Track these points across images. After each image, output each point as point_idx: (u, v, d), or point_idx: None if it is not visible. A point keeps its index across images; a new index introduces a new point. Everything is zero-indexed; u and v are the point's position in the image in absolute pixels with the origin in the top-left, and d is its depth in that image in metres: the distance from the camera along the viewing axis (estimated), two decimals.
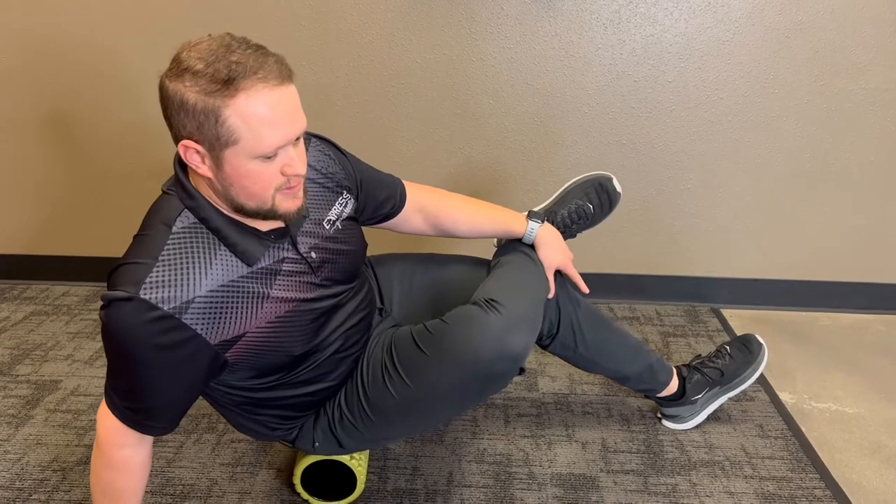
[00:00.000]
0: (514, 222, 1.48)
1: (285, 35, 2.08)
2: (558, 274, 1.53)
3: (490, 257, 1.54)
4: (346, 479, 1.47)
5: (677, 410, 1.69)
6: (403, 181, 1.46)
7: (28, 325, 2.19)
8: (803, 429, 1.72)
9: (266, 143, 1.02)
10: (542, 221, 1.49)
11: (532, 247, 1.49)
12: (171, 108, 1.02)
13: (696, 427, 1.71)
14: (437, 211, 1.47)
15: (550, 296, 1.48)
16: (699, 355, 1.75)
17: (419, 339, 1.25)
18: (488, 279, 1.37)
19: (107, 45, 2.15)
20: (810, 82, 2.07)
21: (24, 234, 2.43)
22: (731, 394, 1.70)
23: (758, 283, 2.32)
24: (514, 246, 1.50)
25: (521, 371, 1.26)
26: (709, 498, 1.49)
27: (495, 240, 1.62)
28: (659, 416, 1.74)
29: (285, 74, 1.03)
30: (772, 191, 2.21)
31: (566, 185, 1.63)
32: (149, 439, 1.18)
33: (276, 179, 1.06)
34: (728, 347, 1.73)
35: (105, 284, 1.09)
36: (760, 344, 1.72)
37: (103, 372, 1.93)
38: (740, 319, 2.26)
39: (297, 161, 1.07)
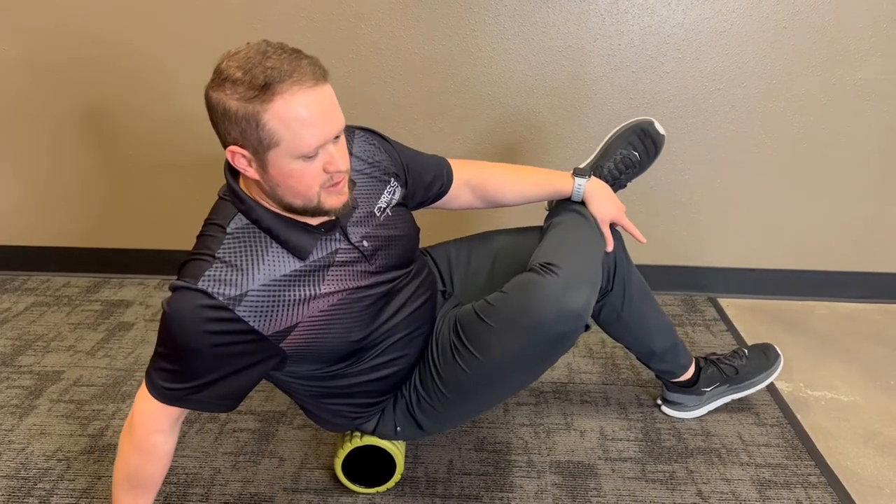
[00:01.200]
0: (561, 182, 1.49)
1: (285, 27, 2.09)
2: (614, 228, 1.53)
3: (541, 223, 1.54)
4: (383, 465, 1.48)
5: (683, 398, 1.71)
6: (448, 159, 1.49)
7: (29, 316, 2.20)
8: (799, 417, 1.74)
9: (306, 142, 1.06)
10: (589, 176, 1.49)
11: (583, 203, 1.49)
12: (216, 117, 1.08)
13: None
14: (483, 183, 1.49)
15: (609, 249, 1.48)
16: (714, 353, 1.77)
17: (482, 313, 1.27)
18: (542, 243, 1.38)
19: (131, 41, 2.16)
20: (807, 73, 2.08)
21: (24, 225, 2.44)
22: (738, 395, 1.73)
23: (755, 272, 2.34)
24: (564, 205, 1.51)
25: (587, 328, 1.26)
26: (706, 485, 1.51)
27: (545, 203, 1.62)
28: (659, 402, 1.76)
29: (319, 75, 1.07)
30: (769, 180, 2.22)
31: (607, 137, 1.61)
32: (177, 430, 1.23)
33: (320, 177, 1.10)
34: (747, 351, 1.75)
35: (102, 275, 1.12)
36: (778, 354, 1.74)
37: (107, 362, 1.95)
38: (737, 309, 2.27)
39: (337, 158, 1.10)
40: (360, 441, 1.44)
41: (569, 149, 2.21)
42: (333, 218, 1.21)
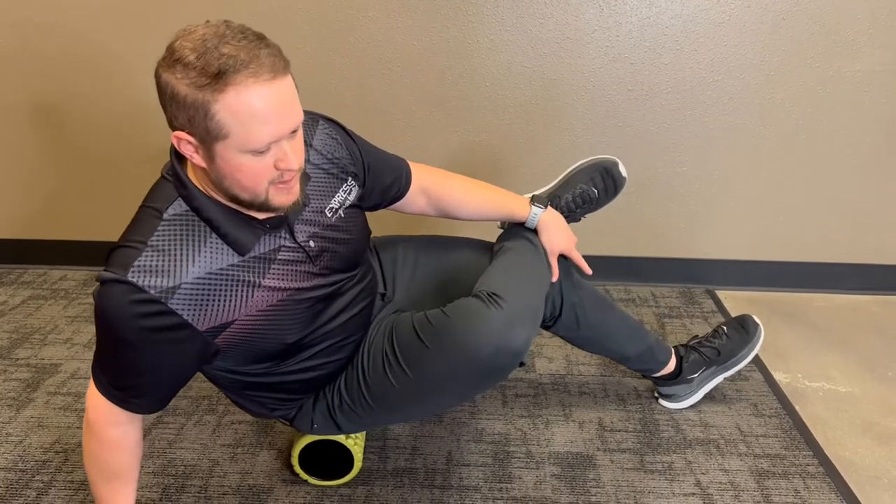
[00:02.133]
0: (517, 207, 1.49)
1: (282, 18, 2.08)
2: (562, 258, 1.54)
3: (493, 239, 1.55)
4: (343, 458, 1.48)
5: (674, 389, 1.72)
6: (409, 162, 1.46)
7: (26, 309, 2.20)
8: (797, 407, 1.75)
9: (256, 138, 1.00)
10: (545, 207, 1.49)
11: (535, 231, 1.50)
12: (164, 98, 1.01)
13: (692, 406, 1.73)
14: (440, 193, 1.46)
15: (553, 280, 1.49)
16: (696, 336, 1.77)
17: (420, 330, 1.24)
18: (490, 268, 1.36)
19: (96, 32, 2.15)
20: (805, 64, 2.08)
21: (20, 218, 2.43)
22: (728, 373, 1.73)
23: (753, 264, 2.34)
24: (517, 231, 1.50)
25: (521, 364, 1.26)
26: (704, 475, 1.52)
27: (499, 221, 1.63)
28: (656, 395, 1.77)
29: (279, 67, 1.00)
30: (767, 172, 2.22)
31: (570, 169, 1.62)
32: (138, 418, 1.19)
33: (269, 173, 1.05)
34: (725, 328, 1.75)
35: (99, 268, 1.10)
36: (757, 324, 1.74)
37: None
38: (735, 301, 2.28)
39: (290, 155, 1.05)
40: (316, 436, 1.45)
41: (566, 140, 2.21)
42: (281, 213, 1.15)
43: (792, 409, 1.73)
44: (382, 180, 1.38)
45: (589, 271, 1.56)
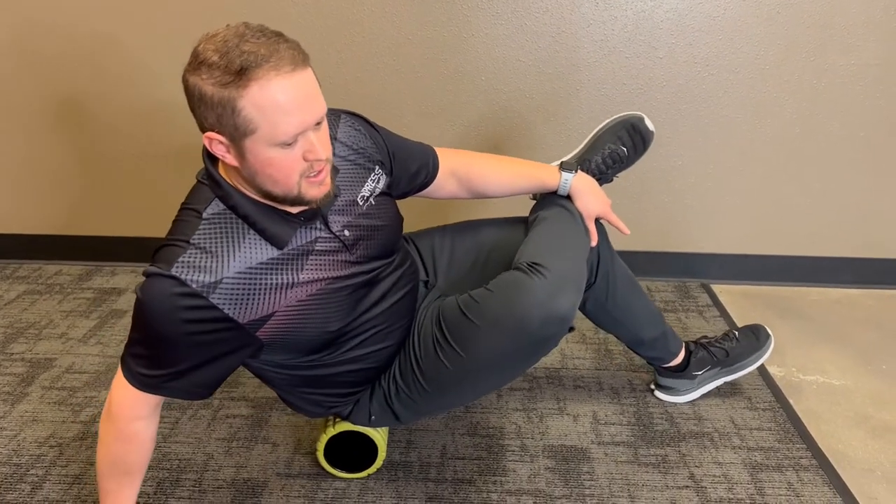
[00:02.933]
0: (547, 176, 1.48)
1: (278, 12, 2.08)
2: (599, 223, 1.53)
3: (526, 214, 1.54)
4: (366, 451, 1.48)
5: (675, 382, 1.72)
6: (435, 148, 1.47)
7: (21, 303, 2.20)
8: (791, 401, 1.75)
9: (282, 130, 1.03)
10: (576, 171, 1.48)
11: (569, 198, 1.49)
12: (192, 101, 1.05)
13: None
14: (468, 173, 1.47)
15: (593, 244, 1.47)
16: (705, 336, 1.78)
17: (466, 309, 1.26)
18: (528, 239, 1.36)
19: (109, 33, 2.15)
20: (800, 58, 2.09)
21: (15, 213, 2.43)
22: (730, 377, 1.73)
23: (748, 258, 2.35)
24: (551, 199, 1.49)
25: (571, 329, 1.26)
26: (698, 468, 1.52)
27: (530, 194, 1.62)
28: (652, 387, 1.77)
29: (298, 60, 1.03)
30: (762, 166, 2.23)
31: (596, 130, 1.61)
32: (157, 414, 1.22)
33: (300, 166, 1.07)
34: (737, 332, 1.76)
35: (95, 263, 1.11)
36: (769, 335, 1.75)
37: (99, 350, 1.95)
38: (730, 294, 2.28)
39: (317, 146, 1.07)
40: (342, 427, 1.45)
41: (562, 134, 2.21)
42: (314, 206, 1.17)
43: (786, 403, 1.74)
44: (409, 167, 1.40)
45: (627, 231, 1.54)
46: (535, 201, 1.55)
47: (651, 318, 1.64)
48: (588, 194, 1.48)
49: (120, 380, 1.17)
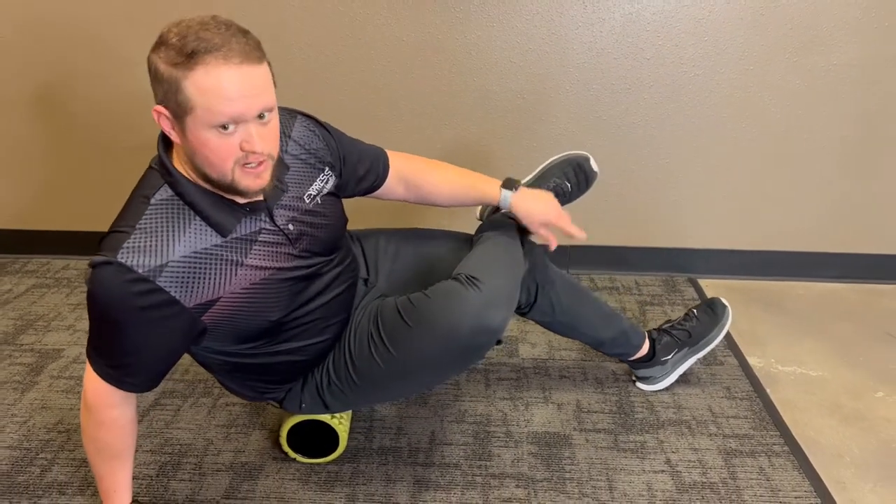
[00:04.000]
0: (491, 190, 1.53)
1: (273, 14, 2.15)
2: (537, 248, 1.61)
3: (472, 231, 1.61)
4: (329, 438, 1.56)
5: (649, 372, 1.79)
6: (388, 151, 1.52)
7: (30, 297, 2.28)
8: (768, 391, 1.82)
9: (217, 113, 1.07)
10: (516, 188, 1.52)
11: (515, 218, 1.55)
12: (150, 77, 1.12)
13: (667, 389, 1.81)
14: (417, 181, 1.53)
15: (551, 249, 1.53)
16: (669, 320, 1.85)
17: (403, 311, 1.32)
18: (470, 255, 1.43)
19: (95, 20, 2.22)
20: (784, 59, 2.15)
21: (24, 209, 2.51)
22: (699, 354, 1.79)
23: (734, 253, 2.41)
24: (498, 221, 1.57)
25: (499, 342, 1.34)
26: (674, 454, 1.59)
27: (477, 210, 1.70)
28: (633, 379, 1.84)
29: (251, 55, 1.09)
30: (747, 165, 2.29)
31: (545, 164, 1.68)
32: (132, 398, 1.26)
33: (235, 153, 1.12)
34: (695, 311, 1.83)
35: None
36: (725, 306, 1.81)
37: None
38: (716, 289, 2.35)
39: (255, 138, 1.11)
40: (303, 416, 1.52)
41: (552, 132, 2.28)
42: (261, 199, 1.23)
43: (763, 392, 1.81)
44: (357, 172, 1.46)
45: (583, 235, 1.56)
46: (480, 221, 1.63)
47: (605, 320, 1.72)
48: (530, 205, 1.53)
49: (90, 372, 1.22)
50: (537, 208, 1.53)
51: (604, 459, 1.58)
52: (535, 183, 1.66)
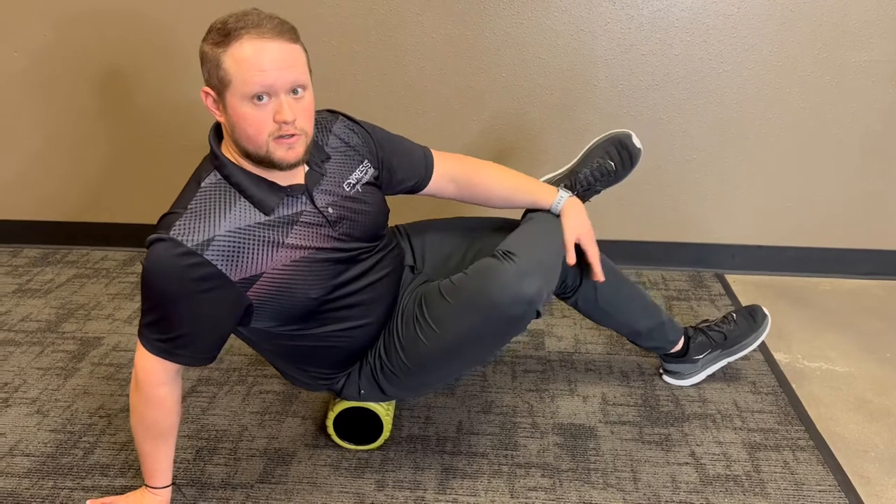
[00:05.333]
0: (544, 193, 1.55)
1: (308, 12, 2.19)
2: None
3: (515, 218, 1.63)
4: (373, 425, 1.59)
5: (679, 367, 1.80)
6: (435, 152, 1.55)
7: (71, 286, 2.35)
8: (794, 386, 1.82)
9: (251, 83, 1.16)
10: (571, 194, 1.56)
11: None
12: (200, 63, 1.22)
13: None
14: (469, 182, 1.56)
15: (570, 263, 1.53)
16: (706, 319, 1.85)
17: (444, 291, 1.37)
18: (511, 234, 1.46)
19: (157, 28, 2.28)
20: (813, 55, 2.14)
21: (65, 202, 2.58)
22: (731, 358, 1.80)
23: (761, 249, 2.40)
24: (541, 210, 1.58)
25: (538, 314, 1.36)
26: (699, 447, 1.61)
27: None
28: (660, 371, 1.85)
29: (284, 34, 1.19)
30: (775, 160, 2.29)
31: (588, 145, 1.69)
32: (179, 379, 1.32)
33: (268, 125, 1.20)
34: (735, 315, 1.83)
35: (137, 250, 1.26)
36: (765, 315, 1.82)
37: None
38: (743, 284, 2.35)
39: (286, 109, 1.19)
40: (349, 404, 1.56)
41: (579, 127, 2.29)
42: (301, 182, 1.32)
43: (788, 387, 1.81)
44: (397, 173, 1.51)
45: (601, 278, 1.58)
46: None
47: (645, 311, 1.72)
48: (576, 216, 1.54)
49: (141, 351, 1.28)
50: (579, 222, 1.54)
51: (628, 451, 1.60)
52: (578, 165, 1.67)
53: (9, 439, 1.65)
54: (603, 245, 1.64)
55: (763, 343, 1.99)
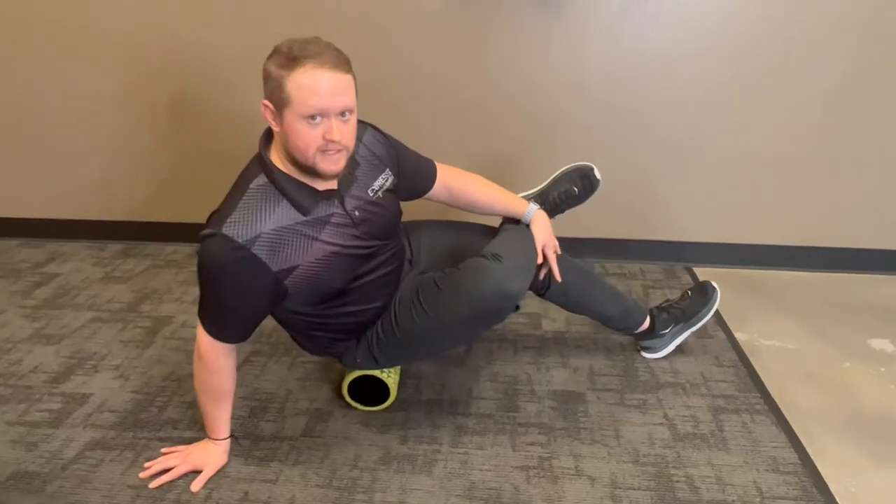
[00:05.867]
0: (518, 205, 1.58)
1: (335, 29, 2.19)
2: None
3: (496, 227, 1.63)
4: (381, 390, 1.60)
5: (650, 342, 1.80)
6: (437, 165, 1.56)
7: (147, 275, 2.37)
8: (752, 360, 1.80)
9: (308, 105, 1.16)
10: (539, 207, 1.60)
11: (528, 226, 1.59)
12: (263, 78, 1.20)
13: (666, 357, 1.81)
14: (459, 191, 1.57)
15: (539, 261, 1.55)
16: (668, 299, 1.85)
17: (438, 281, 1.38)
18: (494, 240, 1.47)
19: (211, 57, 2.29)
20: (771, 71, 2.12)
21: (144, 204, 2.59)
22: (693, 328, 1.79)
23: (725, 246, 2.38)
24: (515, 221, 1.61)
25: (517, 308, 1.37)
26: (671, 410, 1.60)
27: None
28: (638, 348, 1.85)
29: (340, 64, 1.18)
30: (734, 170, 2.26)
31: (556, 173, 1.73)
32: (234, 350, 1.34)
33: (317, 142, 1.20)
34: (689, 292, 1.83)
35: (198, 245, 1.26)
36: (714, 288, 1.81)
37: None
38: (709, 276, 2.30)
39: (335, 131, 1.19)
40: (360, 372, 1.56)
41: (569, 142, 2.28)
42: (335, 188, 1.30)
43: (747, 362, 1.80)
44: (412, 180, 1.51)
45: (559, 279, 1.60)
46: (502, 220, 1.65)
47: (611, 299, 1.72)
48: (543, 225, 1.57)
49: (200, 329, 1.30)
50: (546, 231, 1.57)
51: (612, 413, 1.59)
52: (548, 188, 1.70)
53: (98, 398, 1.66)
54: (589, 242, 1.64)
55: (726, 325, 1.98)
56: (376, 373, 1.57)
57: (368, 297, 1.43)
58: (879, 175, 2.22)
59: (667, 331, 1.77)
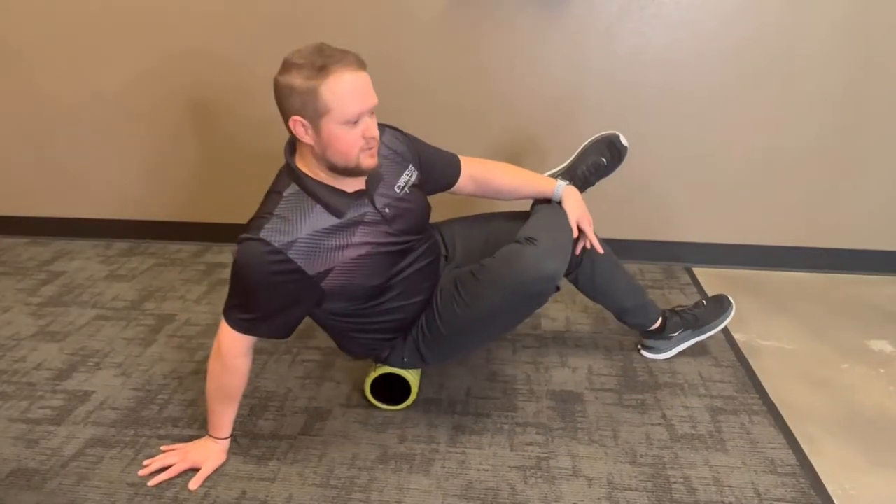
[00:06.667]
0: (546, 185, 1.56)
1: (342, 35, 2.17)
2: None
3: (527, 210, 1.60)
4: (402, 390, 1.58)
5: (656, 343, 1.77)
6: (460, 157, 1.55)
7: (151, 273, 2.35)
8: (750, 360, 1.78)
9: (349, 110, 1.16)
10: (567, 182, 1.56)
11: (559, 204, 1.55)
12: (281, 95, 1.18)
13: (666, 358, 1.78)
14: (485, 180, 1.56)
15: (574, 236, 1.51)
16: (682, 305, 1.81)
17: (476, 273, 1.36)
18: (526, 223, 1.44)
19: (235, 65, 2.27)
20: (764, 83, 2.09)
21: (149, 202, 2.57)
22: (700, 337, 1.76)
23: (725, 246, 2.35)
24: (546, 201, 1.58)
25: (557, 289, 1.35)
26: (669, 410, 1.57)
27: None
28: (639, 347, 1.82)
29: (361, 64, 1.19)
30: (735, 173, 2.24)
31: (583, 145, 1.69)
32: (251, 354, 1.33)
33: (359, 142, 1.21)
34: (705, 301, 1.80)
35: (206, 243, 1.25)
36: (731, 302, 1.78)
37: (209, 308, 2.08)
38: (708, 276, 2.30)
39: (373, 126, 1.21)
40: (382, 370, 1.54)
41: (568, 143, 2.24)
42: (364, 188, 1.29)
43: (745, 362, 1.77)
44: (433, 174, 1.50)
45: (601, 250, 1.57)
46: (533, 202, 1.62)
47: (632, 291, 1.69)
48: (574, 200, 1.54)
49: (224, 327, 1.29)
50: (578, 205, 1.53)
51: (610, 413, 1.57)
52: (575, 162, 1.67)
53: (99, 395, 1.65)
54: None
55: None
56: (400, 371, 1.54)
57: (409, 292, 1.42)
58: (879, 176, 2.18)
59: (675, 334, 1.75)
